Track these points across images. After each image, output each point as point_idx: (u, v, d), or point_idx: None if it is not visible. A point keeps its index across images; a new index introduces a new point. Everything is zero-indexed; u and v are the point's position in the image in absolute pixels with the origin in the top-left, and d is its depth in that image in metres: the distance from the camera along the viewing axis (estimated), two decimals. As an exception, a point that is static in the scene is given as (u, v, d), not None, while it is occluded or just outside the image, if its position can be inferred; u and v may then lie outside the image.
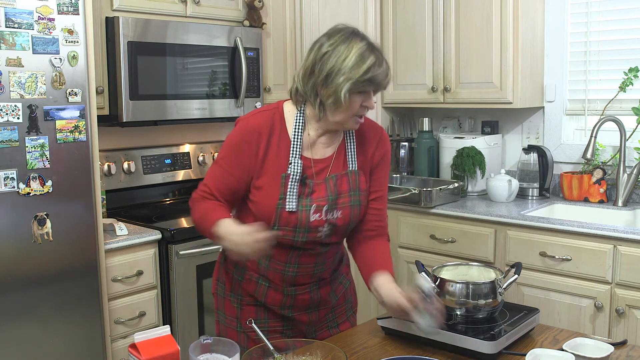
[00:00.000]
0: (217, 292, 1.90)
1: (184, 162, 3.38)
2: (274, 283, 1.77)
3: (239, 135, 1.72)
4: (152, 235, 2.63)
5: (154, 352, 1.28)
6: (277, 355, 1.40)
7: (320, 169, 1.74)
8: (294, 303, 1.80)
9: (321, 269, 1.80)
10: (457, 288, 1.63)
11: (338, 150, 1.77)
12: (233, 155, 1.72)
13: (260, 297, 1.79)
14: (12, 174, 2.14)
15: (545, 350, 1.45)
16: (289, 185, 1.67)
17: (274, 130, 1.72)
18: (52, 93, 2.22)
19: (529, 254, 2.74)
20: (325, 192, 1.71)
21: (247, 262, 1.78)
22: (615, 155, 3.07)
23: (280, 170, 1.69)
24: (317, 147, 1.75)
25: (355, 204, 1.75)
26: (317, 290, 1.81)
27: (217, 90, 3.10)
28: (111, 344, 2.49)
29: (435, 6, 3.30)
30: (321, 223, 1.70)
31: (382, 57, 1.67)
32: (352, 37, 1.65)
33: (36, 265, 2.22)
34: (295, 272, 1.75)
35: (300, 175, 1.69)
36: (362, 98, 1.66)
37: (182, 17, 3.00)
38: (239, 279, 1.82)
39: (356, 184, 1.76)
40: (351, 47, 1.63)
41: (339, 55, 1.63)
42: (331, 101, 1.64)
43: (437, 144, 3.53)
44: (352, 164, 1.77)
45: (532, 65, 3.20)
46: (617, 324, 2.54)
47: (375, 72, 1.63)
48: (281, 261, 1.74)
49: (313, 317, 1.84)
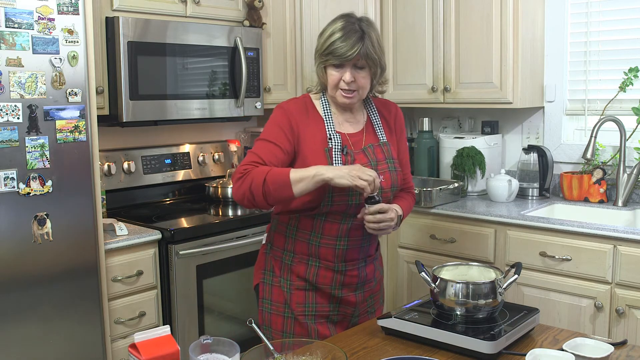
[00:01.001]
0: (263, 281, 2.00)
1: (184, 162, 3.38)
2: (325, 261, 1.91)
3: (279, 116, 1.89)
4: (152, 235, 2.63)
5: (154, 352, 1.28)
6: (277, 355, 1.40)
7: (355, 141, 1.94)
8: (344, 280, 1.93)
9: (367, 243, 1.96)
10: (457, 288, 1.63)
11: (366, 125, 1.99)
12: (279, 130, 1.87)
13: (312, 278, 1.92)
14: (12, 174, 2.14)
15: (545, 350, 1.45)
16: (334, 156, 1.86)
17: (308, 112, 1.92)
18: (52, 93, 2.22)
19: (529, 254, 2.75)
20: (366, 159, 1.91)
21: (296, 246, 1.92)
22: (615, 155, 3.07)
23: (320, 146, 1.87)
24: (345, 125, 1.95)
25: (393, 169, 1.96)
26: (363, 267, 1.97)
27: (217, 90, 3.10)
28: (111, 344, 2.49)
29: (435, 6, 3.30)
30: None
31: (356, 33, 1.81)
32: (338, 19, 1.86)
33: (36, 265, 2.22)
34: (346, 245, 1.91)
35: (341, 146, 1.88)
36: (338, 72, 1.85)
37: (182, 17, 3.00)
38: (289, 262, 1.94)
39: (389, 153, 1.97)
40: (330, 27, 1.85)
41: (321, 36, 1.88)
42: (319, 78, 1.92)
43: (437, 144, 3.53)
44: (382, 137, 1.99)
45: (532, 65, 3.20)
46: (617, 324, 2.54)
47: (335, 45, 1.81)
48: (332, 236, 1.89)
49: (359, 297, 1.98)
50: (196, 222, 2.87)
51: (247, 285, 2.94)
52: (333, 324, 1.96)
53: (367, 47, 1.82)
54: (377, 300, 2.07)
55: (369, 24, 1.89)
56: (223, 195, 3.28)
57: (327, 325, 1.94)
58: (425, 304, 1.77)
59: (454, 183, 3.23)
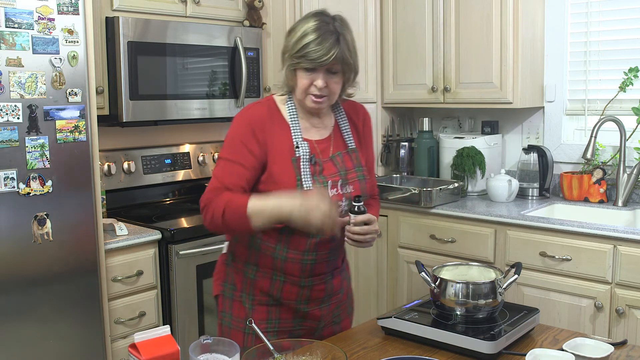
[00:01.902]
0: (223, 294, 1.87)
1: (184, 162, 3.37)
2: (290, 276, 1.79)
3: (241, 127, 1.75)
4: (152, 235, 2.63)
5: (154, 352, 1.28)
6: (277, 355, 1.40)
7: (323, 149, 1.80)
8: (310, 295, 1.81)
9: (335, 256, 1.85)
10: (457, 288, 1.63)
11: (334, 131, 1.85)
12: (240, 146, 1.72)
13: (276, 293, 1.80)
14: (12, 174, 2.14)
15: (545, 350, 1.45)
16: (302, 166, 1.73)
17: (273, 118, 1.77)
18: (52, 93, 2.22)
19: (529, 254, 2.74)
20: (335, 168, 1.79)
21: (260, 259, 1.79)
22: (615, 155, 3.07)
23: (287, 155, 1.74)
24: (312, 131, 1.81)
25: (362, 178, 1.84)
26: (330, 280, 1.85)
27: (217, 90, 3.10)
28: (111, 344, 2.49)
29: (435, 6, 3.30)
30: (339, 197, 1.77)
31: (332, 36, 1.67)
32: (309, 18, 1.71)
33: (36, 265, 2.22)
34: (314, 259, 1.78)
35: (309, 155, 1.75)
36: (309, 76, 1.71)
37: (182, 17, 3.00)
38: (252, 276, 1.82)
39: (358, 161, 1.85)
40: (302, 26, 1.70)
41: (290, 35, 1.72)
42: (286, 80, 1.76)
43: (437, 144, 3.52)
44: (350, 143, 1.86)
45: (532, 65, 3.20)
46: (617, 324, 2.54)
47: (310, 48, 1.66)
48: (299, 250, 1.76)
49: (324, 311, 1.86)
50: (196, 222, 2.87)
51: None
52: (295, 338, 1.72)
53: (344, 51, 1.69)
54: (344, 309, 1.94)
55: (344, 24, 1.74)
56: (223, 195, 3.28)
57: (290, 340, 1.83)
58: (425, 304, 1.77)
59: (454, 183, 3.23)
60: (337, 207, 1.64)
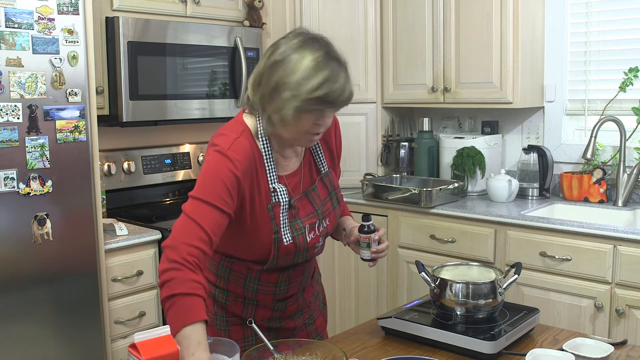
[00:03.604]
0: None
1: (184, 162, 3.38)
2: (262, 302, 1.71)
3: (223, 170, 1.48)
4: (152, 235, 2.63)
5: (154, 352, 1.27)
6: (277, 355, 1.40)
7: (295, 184, 1.63)
8: (283, 315, 1.76)
9: (307, 276, 1.77)
10: (457, 288, 1.63)
11: (305, 158, 1.67)
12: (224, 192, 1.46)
13: (249, 315, 1.71)
14: (12, 174, 2.14)
15: (545, 350, 1.45)
16: (281, 216, 1.56)
17: (254, 157, 1.54)
18: (52, 93, 2.22)
19: (529, 254, 2.74)
20: (311, 207, 1.64)
21: (229, 286, 1.69)
22: (615, 155, 3.07)
23: (262, 198, 1.55)
24: (283, 163, 1.62)
25: (336, 204, 1.72)
26: (302, 296, 1.78)
27: (217, 90, 3.10)
28: (111, 344, 2.49)
29: (435, 6, 3.30)
30: (317, 239, 1.67)
31: (341, 69, 1.45)
32: (308, 45, 1.44)
33: (36, 265, 2.22)
34: (286, 289, 1.71)
35: (287, 202, 1.57)
36: (314, 116, 1.47)
37: (182, 17, 3.00)
38: (223, 301, 1.72)
39: (331, 184, 1.71)
40: (303, 57, 1.43)
41: (287, 66, 1.43)
42: (277, 117, 1.47)
43: (437, 144, 3.52)
44: (323, 167, 1.70)
45: (532, 65, 3.20)
46: (617, 324, 2.54)
47: (327, 89, 1.41)
48: (271, 283, 1.67)
49: (298, 322, 1.80)
50: (196, 222, 2.87)
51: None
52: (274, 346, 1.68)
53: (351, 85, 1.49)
54: (316, 309, 1.87)
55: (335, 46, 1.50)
56: (223, 195, 3.28)
57: None
58: (425, 304, 1.77)
59: (454, 183, 3.23)
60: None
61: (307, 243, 1.63)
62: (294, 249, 1.61)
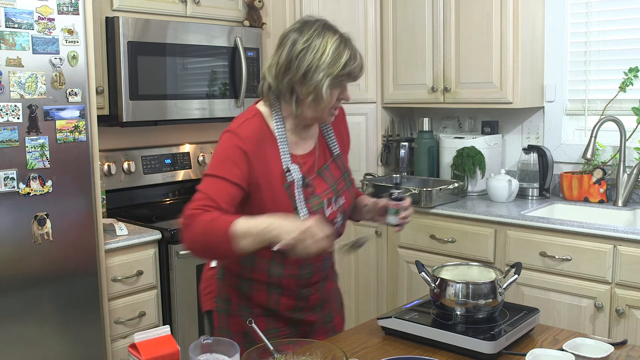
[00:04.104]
0: (217, 310, 1.83)
1: (184, 162, 3.38)
2: (286, 289, 1.76)
3: (231, 147, 1.63)
4: (152, 235, 2.63)
5: (154, 352, 1.28)
6: (277, 355, 1.40)
7: (311, 164, 1.75)
8: (306, 305, 1.80)
9: (328, 263, 1.85)
10: (457, 288, 1.63)
11: (319, 140, 1.80)
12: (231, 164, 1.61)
13: (273, 305, 1.77)
14: (12, 174, 2.14)
15: (545, 350, 1.45)
16: (296, 193, 1.67)
17: (263, 137, 1.67)
18: (52, 93, 2.22)
19: (529, 254, 2.74)
20: (326, 184, 1.75)
21: (254, 275, 1.73)
22: (615, 155, 3.07)
23: (279, 180, 1.66)
24: (299, 145, 1.75)
25: (349, 185, 1.82)
26: (323, 287, 1.85)
27: (217, 90, 3.10)
28: (111, 344, 2.49)
29: (435, 6, 3.30)
30: (335, 214, 1.75)
31: (355, 48, 1.68)
32: (325, 31, 1.66)
33: (36, 265, 2.22)
34: (310, 271, 1.76)
35: (302, 179, 1.68)
36: (339, 91, 1.68)
37: (182, 17, 3.00)
38: (247, 291, 1.77)
39: (343, 166, 1.83)
40: (326, 42, 1.64)
41: (314, 52, 1.62)
42: (311, 98, 1.63)
43: (437, 144, 3.52)
44: (335, 148, 1.83)
45: (532, 65, 3.20)
46: (617, 324, 2.54)
47: (352, 65, 1.65)
48: (295, 265, 1.72)
49: (318, 315, 1.86)
50: (196, 222, 2.87)
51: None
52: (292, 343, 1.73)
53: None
54: (335, 308, 1.94)
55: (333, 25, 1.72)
56: (223, 195, 3.28)
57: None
58: (425, 304, 1.77)
59: (454, 183, 3.23)
60: (333, 231, 1.55)
61: (326, 217, 1.71)
62: None
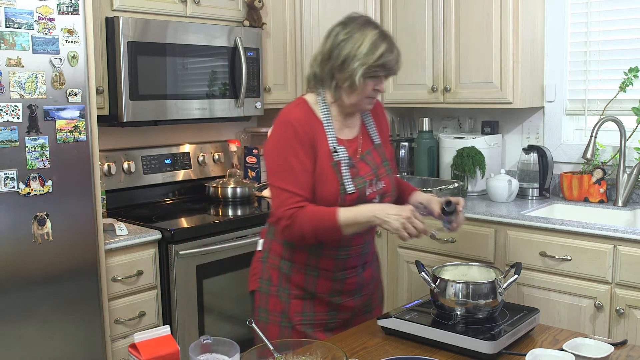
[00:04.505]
0: (259, 290, 1.96)
1: (184, 162, 3.38)
2: (324, 271, 1.89)
3: (286, 132, 1.81)
4: (152, 235, 2.63)
5: (154, 352, 1.28)
6: (277, 355, 1.40)
7: (354, 149, 1.91)
8: (342, 288, 1.91)
9: (367, 250, 1.97)
10: (457, 288, 1.63)
11: (361, 129, 1.97)
12: (299, 151, 1.79)
13: (310, 287, 1.89)
14: (12, 174, 2.14)
15: (545, 350, 1.45)
16: (343, 171, 1.83)
17: (311, 121, 1.85)
18: (52, 93, 2.22)
19: (529, 254, 2.75)
20: (368, 167, 1.90)
21: (294, 256, 1.88)
22: (615, 155, 3.07)
23: (327, 159, 1.83)
24: (344, 131, 1.91)
25: (389, 172, 1.96)
26: (362, 273, 1.96)
27: (217, 90, 3.10)
28: (111, 344, 2.49)
29: (435, 6, 3.30)
30: (374, 195, 1.89)
31: (394, 44, 1.83)
32: (366, 26, 1.82)
33: (36, 265, 2.22)
34: (347, 254, 1.89)
35: (348, 159, 1.85)
36: (374, 82, 1.83)
37: (182, 17, 3.00)
38: (287, 272, 1.91)
39: (384, 156, 1.97)
40: (365, 35, 1.79)
41: (354, 43, 1.79)
42: (347, 85, 1.81)
43: (437, 144, 3.53)
44: (376, 139, 1.98)
45: (532, 65, 3.20)
46: (617, 324, 2.54)
47: (387, 58, 1.79)
48: (333, 246, 1.86)
49: (357, 302, 1.96)
50: (196, 222, 2.87)
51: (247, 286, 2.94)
52: (330, 331, 1.91)
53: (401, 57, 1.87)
54: (375, 299, 2.06)
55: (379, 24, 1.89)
56: (223, 195, 3.28)
57: (325, 333, 1.90)
58: (425, 304, 1.77)
59: (454, 183, 3.23)
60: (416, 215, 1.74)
61: (365, 196, 1.86)
62: (356, 199, 1.83)
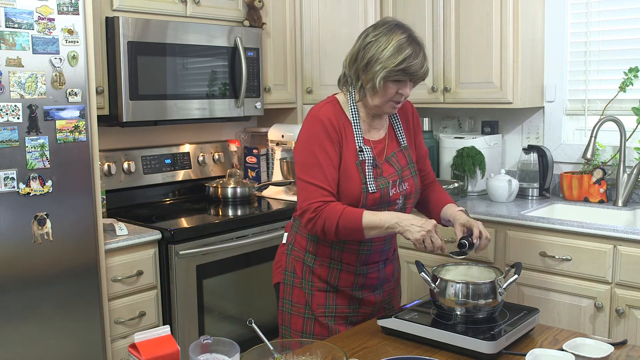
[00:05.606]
0: (284, 281, 2.01)
1: (184, 162, 3.38)
2: (347, 264, 1.94)
3: (316, 128, 1.86)
4: (152, 235, 2.63)
5: (154, 352, 1.28)
6: (277, 355, 1.40)
7: (380, 150, 1.95)
8: (364, 282, 1.96)
9: (388, 246, 2.01)
10: (457, 288, 1.63)
11: (389, 131, 2.00)
12: (327, 146, 1.84)
13: (333, 280, 1.94)
14: (12, 174, 2.14)
15: (545, 350, 1.45)
16: (367, 170, 1.87)
17: (340, 119, 1.89)
18: (52, 93, 2.22)
19: (529, 254, 2.74)
20: (392, 169, 1.94)
21: (318, 249, 1.93)
22: (615, 155, 3.07)
23: (352, 157, 1.87)
24: (371, 132, 1.96)
25: (414, 174, 1.99)
26: (383, 269, 2.01)
27: (217, 90, 3.10)
28: (111, 344, 2.49)
29: (435, 6, 3.30)
30: (397, 196, 1.93)
31: (420, 50, 1.83)
32: (395, 30, 1.83)
33: (36, 265, 2.22)
34: (369, 249, 1.93)
35: (372, 160, 1.89)
36: (397, 86, 1.84)
37: (182, 17, 3.00)
38: (311, 264, 1.96)
39: (410, 158, 2.00)
40: (391, 39, 1.81)
41: (379, 45, 1.81)
42: (369, 86, 1.84)
43: (437, 144, 3.52)
44: (403, 141, 2.01)
45: (532, 65, 3.20)
46: (617, 324, 2.54)
47: (409, 63, 1.79)
48: (356, 241, 1.89)
49: (379, 297, 2.01)
50: (196, 222, 2.87)
51: (247, 285, 2.94)
52: (352, 325, 1.96)
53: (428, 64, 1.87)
54: (395, 296, 2.11)
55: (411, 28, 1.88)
56: (223, 195, 3.28)
57: (347, 326, 1.95)
58: (425, 304, 1.77)
59: (454, 183, 3.23)
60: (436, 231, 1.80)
61: (389, 196, 1.90)
62: (378, 200, 1.88)
